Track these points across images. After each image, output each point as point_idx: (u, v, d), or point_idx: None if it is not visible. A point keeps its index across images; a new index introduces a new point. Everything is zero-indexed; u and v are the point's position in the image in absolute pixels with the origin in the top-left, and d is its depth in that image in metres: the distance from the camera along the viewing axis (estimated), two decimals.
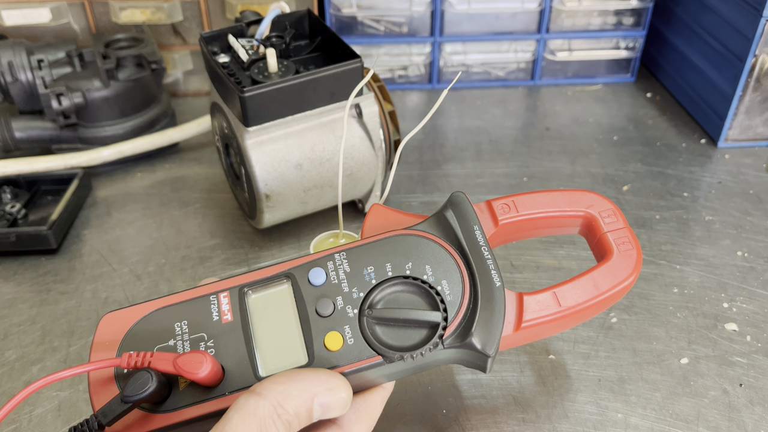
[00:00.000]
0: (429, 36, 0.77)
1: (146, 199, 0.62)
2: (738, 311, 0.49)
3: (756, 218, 0.58)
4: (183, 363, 0.28)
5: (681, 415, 0.42)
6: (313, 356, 0.30)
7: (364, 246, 0.33)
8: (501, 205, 0.36)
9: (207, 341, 0.31)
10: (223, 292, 0.32)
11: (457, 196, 0.35)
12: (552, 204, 0.36)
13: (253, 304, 0.32)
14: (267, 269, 0.33)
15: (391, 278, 0.32)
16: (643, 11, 0.77)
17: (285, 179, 0.50)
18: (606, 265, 0.34)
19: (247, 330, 0.31)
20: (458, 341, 0.31)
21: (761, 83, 0.64)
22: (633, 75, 0.81)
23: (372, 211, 0.36)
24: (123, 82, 0.64)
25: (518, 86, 0.81)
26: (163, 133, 0.65)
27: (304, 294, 0.32)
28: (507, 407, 0.42)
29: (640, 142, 0.69)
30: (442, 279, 0.32)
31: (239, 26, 0.54)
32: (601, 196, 0.37)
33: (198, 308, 0.32)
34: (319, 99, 0.49)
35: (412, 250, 0.33)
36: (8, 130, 0.63)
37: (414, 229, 0.34)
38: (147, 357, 0.29)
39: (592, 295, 0.33)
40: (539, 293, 0.33)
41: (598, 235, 0.36)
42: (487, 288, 0.32)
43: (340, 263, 0.33)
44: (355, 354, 0.30)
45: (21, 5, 0.69)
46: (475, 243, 0.33)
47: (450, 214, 0.34)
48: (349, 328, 0.31)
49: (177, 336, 0.31)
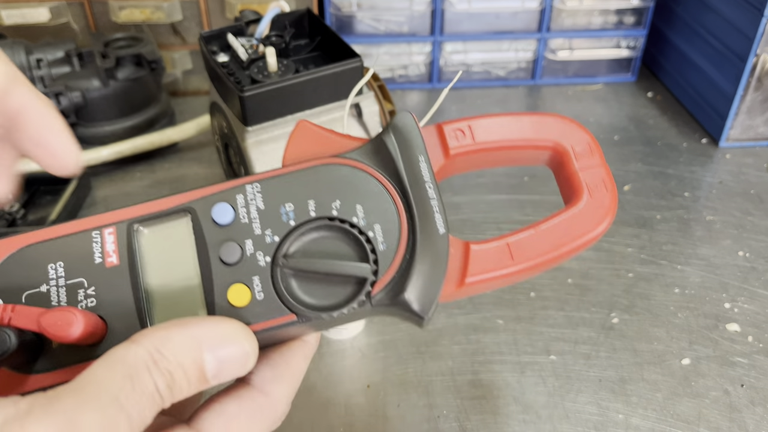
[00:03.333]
0: (429, 35, 0.77)
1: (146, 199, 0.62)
2: (739, 311, 0.49)
3: (757, 218, 0.58)
4: (48, 323, 0.24)
5: (682, 415, 0.42)
6: (214, 312, 0.26)
7: (283, 177, 0.28)
8: (454, 131, 0.30)
9: (87, 288, 0.26)
10: (108, 227, 0.27)
11: (403, 118, 0.29)
12: (516, 131, 0.30)
13: (144, 244, 0.27)
14: (163, 200, 0.28)
15: (313, 219, 0.27)
16: (644, 11, 0.77)
17: None
18: (572, 210, 0.28)
19: (135, 277, 0.26)
20: (389, 299, 0.26)
21: (762, 83, 0.64)
22: (634, 74, 0.81)
23: (297, 129, 0.29)
24: (122, 82, 0.63)
25: (519, 86, 0.81)
26: (163, 132, 0.65)
27: (207, 234, 0.27)
28: (507, 407, 0.42)
29: (641, 142, 0.69)
30: (375, 223, 0.27)
31: (239, 25, 0.53)
32: (576, 123, 0.30)
33: (78, 246, 0.27)
34: (318, 98, 0.49)
35: (342, 184, 0.28)
36: None
37: (346, 157, 0.28)
38: (7, 312, 0.24)
39: (553, 247, 0.28)
40: (489, 243, 0.28)
41: (568, 172, 0.30)
42: (428, 235, 0.27)
43: (252, 198, 0.27)
44: (265, 311, 0.26)
45: (20, 5, 0.69)
46: (419, 178, 0.28)
47: (391, 140, 0.28)
48: (258, 279, 0.26)
49: (51, 280, 0.26)
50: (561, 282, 0.51)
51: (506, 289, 0.51)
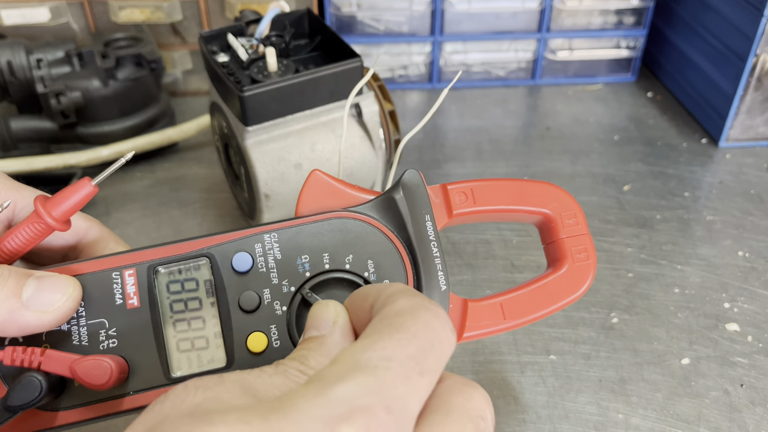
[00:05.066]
0: (429, 35, 0.77)
1: (145, 199, 0.62)
2: (739, 311, 0.49)
3: (757, 218, 0.58)
4: (83, 372, 0.24)
5: (682, 415, 0.42)
6: (233, 359, 0.27)
7: (299, 228, 0.29)
8: (458, 193, 0.32)
9: (108, 329, 0.26)
10: (128, 269, 0.27)
11: (411, 176, 0.31)
12: (513, 198, 0.33)
13: (164, 287, 0.28)
14: (182, 244, 0.28)
15: (327, 271, 0.28)
16: (644, 10, 0.77)
17: (285, 179, 0.50)
18: (557, 276, 0.32)
19: (156, 320, 0.27)
20: None
21: (762, 83, 0.64)
22: (634, 74, 0.81)
23: (311, 179, 0.30)
24: (122, 82, 0.63)
25: (519, 86, 0.81)
26: (163, 132, 0.65)
27: (226, 281, 0.28)
28: (507, 407, 0.42)
29: (641, 142, 0.69)
30: (385, 278, 0.29)
31: (239, 25, 0.53)
32: (566, 193, 0.33)
33: (98, 286, 0.27)
34: (318, 98, 0.49)
35: (354, 238, 0.29)
36: (7, 129, 0.63)
37: (357, 211, 0.30)
38: (36, 356, 0.25)
39: (539, 309, 0.31)
40: (484, 301, 0.31)
41: (555, 238, 0.33)
42: (431, 292, 0.29)
43: (270, 247, 0.28)
44: (280, 358, 0.27)
45: (20, 5, 0.69)
46: (425, 237, 0.30)
47: (400, 198, 0.30)
48: (275, 328, 0.27)
49: (72, 319, 0.27)
50: None
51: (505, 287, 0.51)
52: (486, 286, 0.51)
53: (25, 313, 0.24)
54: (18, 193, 0.31)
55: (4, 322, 0.24)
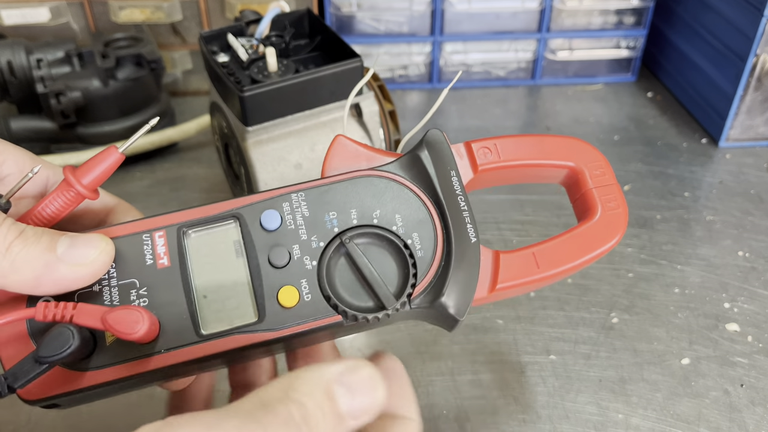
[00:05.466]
0: (429, 35, 0.77)
1: (145, 199, 0.62)
2: (739, 311, 0.49)
3: (757, 218, 0.58)
4: (115, 321, 0.24)
5: (682, 415, 0.42)
6: (265, 314, 0.27)
7: (326, 187, 0.29)
8: (482, 149, 0.32)
9: (139, 289, 0.27)
10: (158, 230, 0.28)
11: (434, 135, 0.31)
12: (538, 152, 0.32)
13: (193, 247, 0.28)
14: (210, 206, 0.29)
15: (355, 227, 0.29)
16: (644, 10, 0.77)
17: (285, 179, 0.50)
18: (590, 224, 0.31)
19: (186, 278, 0.27)
20: (427, 302, 0.28)
21: (762, 83, 0.64)
22: (634, 74, 0.81)
23: (335, 143, 0.31)
24: (122, 82, 0.63)
25: (519, 86, 0.81)
26: (163, 132, 0.65)
27: (255, 239, 0.28)
28: (507, 407, 0.42)
29: (640, 142, 0.69)
30: (413, 231, 0.29)
31: (239, 25, 0.53)
32: (591, 146, 0.33)
33: (129, 248, 0.28)
34: (318, 98, 0.49)
35: (381, 194, 0.29)
36: (7, 129, 0.63)
37: (383, 170, 0.30)
38: (68, 309, 0.25)
39: (574, 258, 0.30)
40: (517, 252, 0.30)
41: (583, 190, 0.32)
42: (462, 244, 0.29)
43: (297, 206, 0.29)
44: (312, 312, 0.27)
45: (20, 5, 0.69)
46: (451, 191, 0.30)
47: (425, 155, 0.30)
48: (306, 282, 0.27)
49: (104, 280, 0.27)
50: (561, 282, 0.51)
51: None
52: None
53: (60, 267, 0.25)
54: (46, 166, 0.31)
55: (41, 276, 0.24)
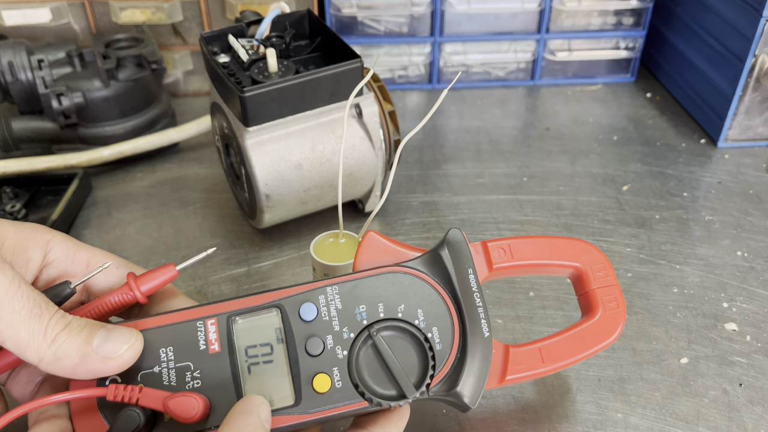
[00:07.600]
0: (429, 36, 0.77)
1: (146, 199, 0.62)
2: (738, 311, 0.49)
3: (756, 218, 0.58)
4: (175, 406, 0.28)
5: (681, 414, 0.42)
6: (301, 398, 0.30)
7: (357, 281, 0.33)
8: (497, 249, 0.36)
9: (193, 371, 0.31)
10: (210, 318, 0.32)
11: (455, 235, 0.34)
12: (548, 253, 0.37)
13: (240, 333, 0.32)
14: (256, 297, 0.32)
15: (382, 320, 0.32)
16: (642, 11, 0.77)
17: (285, 179, 0.51)
18: (591, 323, 0.35)
19: (234, 363, 0.31)
20: (443, 391, 0.31)
21: (761, 83, 0.64)
22: (633, 75, 0.81)
23: (366, 239, 0.35)
24: (123, 82, 0.64)
25: (518, 86, 0.81)
26: (163, 133, 0.66)
27: (294, 329, 0.32)
28: (507, 407, 0.42)
29: (639, 142, 0.69)
30: (433, 325, 0.32)
31: (239, 26, 0.54)
32: (596, 249, 0.37)
33: (184, 334, 0.31)
34: (319, 99, 0.49)
35: (405, 290, 0.33)
36: (8, 129, 0.63)
37: (408, 266, 0.33)
38: (135, 393, 0.29)
39: (575, 354, 0.34)
40: (524, 347, 0.34)
41: (587, 289, 0.36)
42: (476, 338, 0.32)
43: (332, 298, 0.32)
44: (342, 397, 0.30)
45: (21, 5, 0.70)
46: (468, 288, 0.33)
47: (445, 254, 0.33)
48: (337, 370, 0.31)
49: (162, 363, 0.31)
50: (560, 281, 0.52)
51: (505, 288, 0.51)
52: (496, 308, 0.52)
53: (93, 358, 0.29)
54: (94, 253, 0.36)
55: (77, 366, 0.28)
